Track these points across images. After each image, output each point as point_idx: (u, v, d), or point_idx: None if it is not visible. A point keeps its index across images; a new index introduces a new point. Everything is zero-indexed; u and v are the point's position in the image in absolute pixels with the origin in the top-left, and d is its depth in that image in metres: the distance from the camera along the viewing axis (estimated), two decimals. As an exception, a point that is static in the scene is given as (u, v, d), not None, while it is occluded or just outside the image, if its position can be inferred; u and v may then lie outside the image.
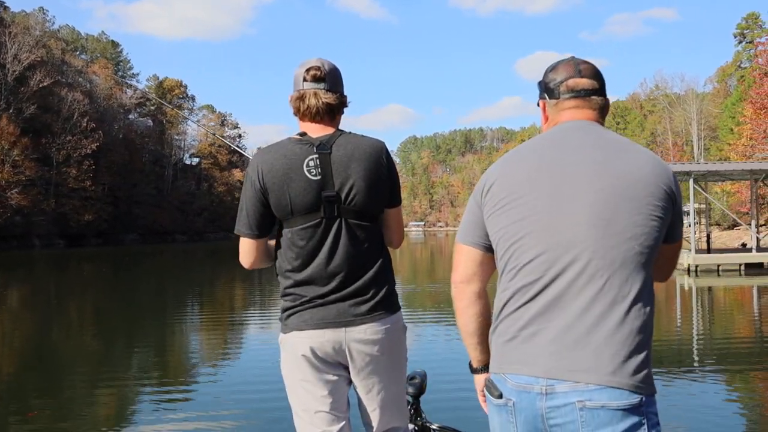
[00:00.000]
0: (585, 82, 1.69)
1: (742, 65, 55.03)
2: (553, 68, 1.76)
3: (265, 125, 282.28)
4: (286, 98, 2.26)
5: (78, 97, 61.96)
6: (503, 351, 1.56)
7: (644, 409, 1.43)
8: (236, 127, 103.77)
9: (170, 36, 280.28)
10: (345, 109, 2.26)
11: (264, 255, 2.25)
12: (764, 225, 35.25)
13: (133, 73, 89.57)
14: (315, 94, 2.14)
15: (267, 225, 2.17)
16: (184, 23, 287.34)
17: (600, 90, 1.72)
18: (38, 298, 16.40)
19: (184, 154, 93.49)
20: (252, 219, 2.15)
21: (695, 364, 7.41)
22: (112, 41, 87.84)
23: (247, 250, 2.21)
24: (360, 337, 2.13)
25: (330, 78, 2.16)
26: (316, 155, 2.10)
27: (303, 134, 2.17)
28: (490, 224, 1.64)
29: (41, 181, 56.73)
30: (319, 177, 2.09)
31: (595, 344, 1.44)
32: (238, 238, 2.22)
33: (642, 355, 1.46)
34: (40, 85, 57.42)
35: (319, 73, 2.14)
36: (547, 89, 1.75)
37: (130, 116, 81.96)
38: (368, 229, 2.19)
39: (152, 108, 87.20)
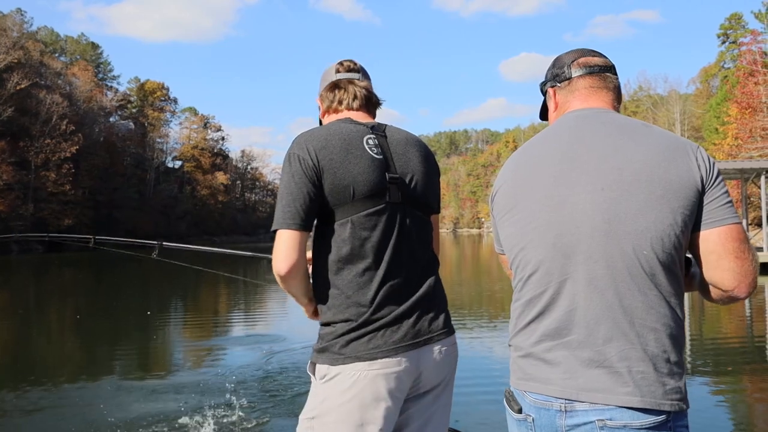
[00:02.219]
0: (598, 59, 1.58)
1: (725, 65, 55.51)
2: (557, 59, 1.64)
3: (249, 128, 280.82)
4: (270, 100, 1.93)
5: (57, 99, 60.78)
6: (520, 366, 1.48)
7: (672, 424, 1.33)
8: (219, 129, 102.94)
9: (152, 38, 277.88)
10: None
11: (304, 259, 1.75)
12: (751, 224, 35.36)
13: (113, 75, 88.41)
14: (350, 81, 1.97)
15: (313, 216, 1.76)
16: (166, 25, 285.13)
17: (614, 68, 1.59)
18: (15, 304, 15.80)
19: (166, 157, 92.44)
20: (301, 205, 1.71)
21: (687, 366, 7.23)
22: (92, 43, 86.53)
23: (290, 246, 1.70)
24: (434, 358, 1.77)
25: (363, 71, 2.02)
26: (373, 135, 1.84)
27: (348, 119, 1.89)
28: (500, 233, 1.57)
29: (19, 185, 55.64)
30: (381, 156, 1.81)
31: (609, 362, 1.34)
32: (221, 240, 1.73)
33: (665, 370, 1.34)
34: (18, 88, 56.17)
35: (352, 64, 2.00)
36: (555, 76, 1.61)
37: (111, 119, 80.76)
38: (429, 225, 1.91)
39: (134, 110, 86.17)
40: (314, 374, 1.77)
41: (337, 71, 1.98)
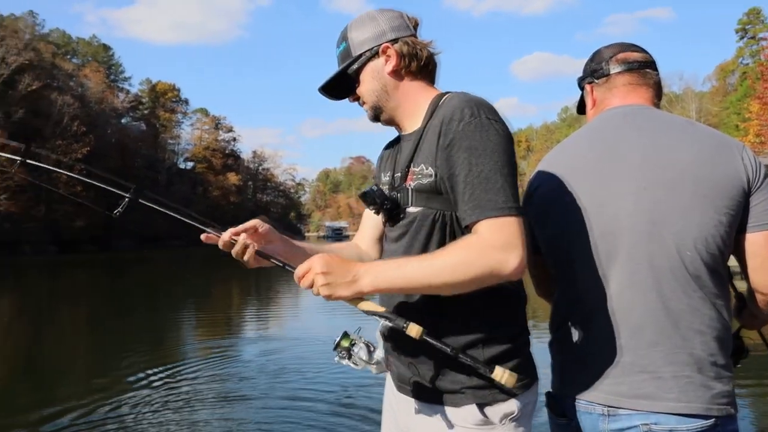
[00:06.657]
0: (638, 55, 1.53)
1: (743, 62, 54.60)
2: (595, 54, 1.58)
3: (260, 129, 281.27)
4: (281, 102, 1.45)
5: (68, 100, 60.88)
6: (562, 370, 1.47)
7: (720, 429, 1.30)
8: (231, 130, 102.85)
9: (163, 40, 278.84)
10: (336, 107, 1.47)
11: None
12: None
13: (125, 77, 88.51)
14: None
15: None
16: (176, 28, 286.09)
17: (654, 64, 1.53)
18: (28, 306, 15.51)
19: (178, 158, 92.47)
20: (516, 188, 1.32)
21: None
22: (104, 45, 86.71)
23: (522, 235, 1.24)
24: None
25: None
26: None
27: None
28: (538, 234, 1.52)
29: (31, 187, 55.70)
30: None
31: (653, 366, 1.31)
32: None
33: (712, 374, 1.30)
34: (29, 89, 56.35)
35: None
36: (593, 71, 1.56)
37: (123, 120, 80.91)
38: None
39: (145, 112, 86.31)
40: (486, 415, 1.31)
41: (416, 27, 1.50)
